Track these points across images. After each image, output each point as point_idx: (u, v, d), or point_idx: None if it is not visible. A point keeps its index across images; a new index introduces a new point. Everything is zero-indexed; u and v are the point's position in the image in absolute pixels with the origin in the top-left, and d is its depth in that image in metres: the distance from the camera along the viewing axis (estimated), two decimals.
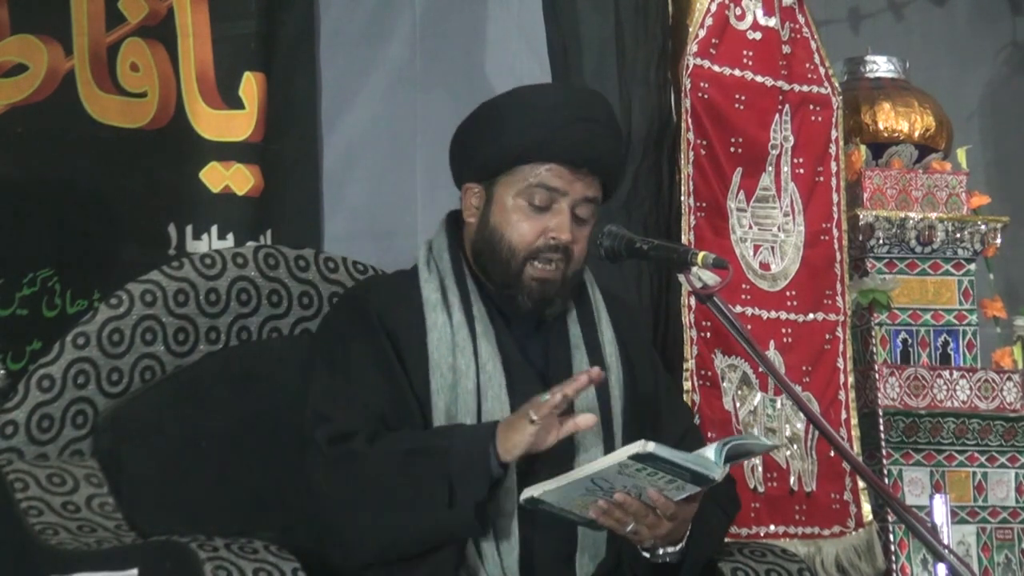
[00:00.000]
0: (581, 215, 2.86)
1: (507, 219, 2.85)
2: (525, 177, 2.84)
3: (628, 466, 2.56)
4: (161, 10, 4.27)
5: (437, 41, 4.58)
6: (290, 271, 3.25)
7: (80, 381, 3.03)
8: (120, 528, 2.90)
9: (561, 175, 2.83)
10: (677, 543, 2.74)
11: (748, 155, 4.02)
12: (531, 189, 2.83)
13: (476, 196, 2.91)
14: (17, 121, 4.09)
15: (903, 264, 4.55)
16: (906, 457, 4.39)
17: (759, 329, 3.95)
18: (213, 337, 3.16)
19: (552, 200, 2.84)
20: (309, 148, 4.42)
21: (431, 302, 2.86)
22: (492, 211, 2.88)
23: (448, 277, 2.89)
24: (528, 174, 2.84)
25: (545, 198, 2.84)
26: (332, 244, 4.30)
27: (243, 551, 2.62)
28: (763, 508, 3.89)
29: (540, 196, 2.84)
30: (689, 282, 2.70)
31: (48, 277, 4.05)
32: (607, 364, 2.91)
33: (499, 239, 2.85)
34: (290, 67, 4.39)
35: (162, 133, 4.22)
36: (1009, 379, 4.50)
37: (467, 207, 2.93)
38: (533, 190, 2.83)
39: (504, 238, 2.85)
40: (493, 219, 2.87)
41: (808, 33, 4.16)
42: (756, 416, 3.92)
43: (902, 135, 4.68)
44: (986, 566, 4.40)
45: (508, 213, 2.85)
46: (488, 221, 2.88)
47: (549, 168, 2.83)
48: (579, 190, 2.85)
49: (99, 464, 3.00)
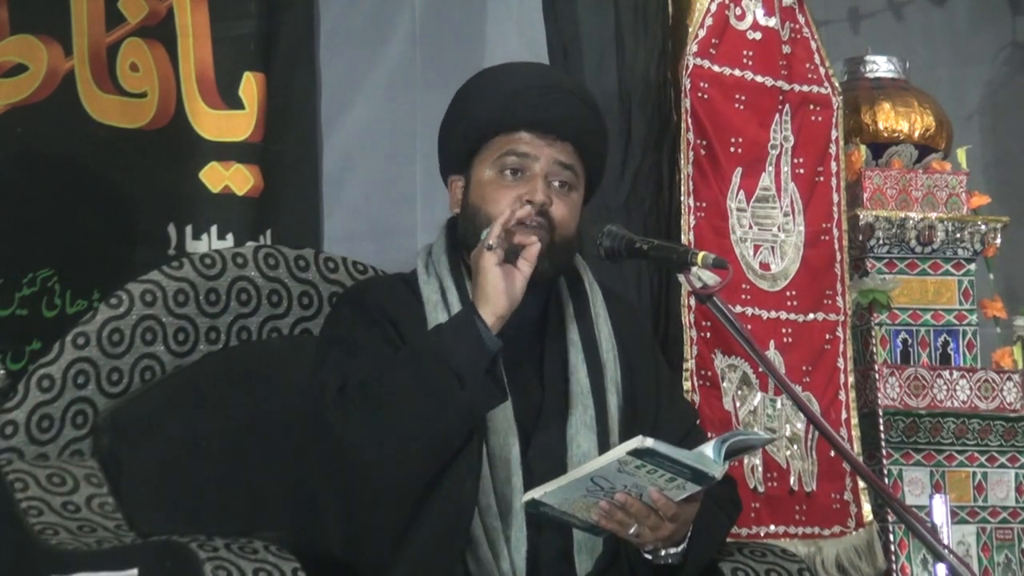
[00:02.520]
0: (558, 180, 2.87)
1: (483, 194, 2.87)
2: (496, 150, 2.87)
3: (627, 463, 2.56)
4: (161, 10, 4.27)
5: (437, 41, 4.58)
6: (290, 271, 3.25)
7: (80, 381, 3.03)
8: (120, 528, 2.90)
9: (529, 142, 2.86)
10: (679, 544, 2.74)
11: (748, 155, 4.02)
12: (502, 159, 2.86)
13: (459, 187, 2.94)
14: (17, 121, 4.09)
15: (903, 264, 4.55)
16: (906, 457, 4.39)
17: (759, 329, 3.95)
18: (213, 337, 3.16)
19: (523, 167, 2.86)
20: (309, 148, 4.43)
21: (432, 301, 2.87)
22: (470, 192, 2.90)
23: (447, 278, 2.90)
24: (498, 145, 2.87)
25: (516, 164, 2.86)
26: (332, 244, 4.30)
27: (243, 551, 2.62)
28: (763, 508, 3.89)
29: (511, 163, 2.86)
30: (689, 282, 2.70)
31: (48, 277, 4.05)
32: (603, 361, 2.91)
33: (477, 214, 2.87)
34: (290, 67, 4.40)
35: (162, 133, 4.23)
36: (1009, 379, 4.50)
37: (454, 201, 2.96)
38: (504, 159, 2.86)
39: (482, 211, 2.86)
40: (472, 199, 2.89)
41: (808, 33, 4.16)
42: (756, 416, 3.92)
43: (902, 135, 4.67)
44: (986, 566, 4.40)
45: (483, 188, 2.88)
46: (468, 203, 2.90)
47: (518, 136, 2.86)
48: (550, 155, 2.86)
49: (99, 464, 3.00)
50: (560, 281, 2.96)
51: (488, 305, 2.70)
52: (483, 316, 2.69)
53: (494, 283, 2.70)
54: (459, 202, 2.94)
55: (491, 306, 2.70)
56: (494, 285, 2.70)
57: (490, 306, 2.70)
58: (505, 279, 2.71)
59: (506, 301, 2.70)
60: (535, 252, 2.76)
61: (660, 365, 3.07)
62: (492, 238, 2.71)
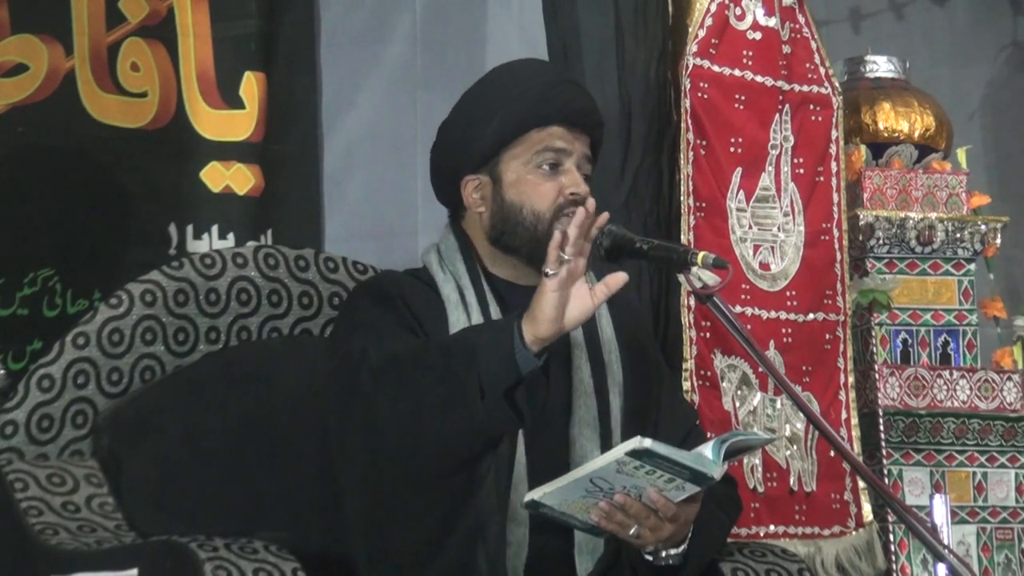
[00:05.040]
0: (585, 172, 2.92)
1: (523, 189, 2.88)
2: (531, 145, 2.89)
3: (626, 464, 2.56)
4: (161, 10, 4.27)
5: (437, 41, 4.59)
6: (290, 271, 3.25)
7: (80, 381, 3.03)
8: (120, 528, 2.90)
9: (563, 136, 2.90)
10: (679, 545, 2.74)
11: (748, 155, 4.02)
12: (540, 155, 2.88)
13: (478, 186, 2.92)
14: (17, 121, 4.10)
15: (903, 264, 4.55)
16: (906, 457, 4.39)
17: (759, 329, 3.95)
18: (213, 337, 3.16)
19: (559, 160, 2.89)
20: (309, 148, 4.43)
21: (452, 300, 2.87)
22: (504, 190, 2.89)
23: (463, 278, 2.90)
24: (533, 142, 2.89)
25: (553, 159, 2.88)
26: (332, 244, 4.30)
27: (243, 551, 2.62)
28: (763, 508, 3.89)
29: (549, 159, 2.88)
30: (689, 282, 2.70)
31: (48, 277, 4.05)
32: (606, 362, 2.92)
33: (520, 210, 2.87)
34: (290, 67, 4.40)
35: (162, 133, 4.23)
36: (1009, 379, 4.50)
37: (471, 200, 2.93)
38: (541, 155, 2.88)
39: (525, 207, 2.87)
40: (508, 196, 2.89)
41: (808, 33, 4.16)
42: (756, 416, 3.92)
43: (902, 135, 4.68)
44: (986, 566, 4.40)
45: (523, 184, 2.88)
46: (503, 200, 2.89)
47: (551, 131, 2.89)
48: (579, 148, 2.91)
49: (99, 464, 3.00)
50: None
51: (533, 325, 2.61)
52: (525, 334, 2.61)
53: (544, 308, 2.60)
54: (482, 201, 2.92)
55: (536, 327, 2.60)
56: (543, 309, 2.60)
57: (535, 326, 2.60)
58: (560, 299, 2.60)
59: (552, 328, 2.61)
60: (620, 281, 2.68)
61: (661, 365, 3.07)
62: (550, 265, 2.62)
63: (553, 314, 2.60)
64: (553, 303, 2.60)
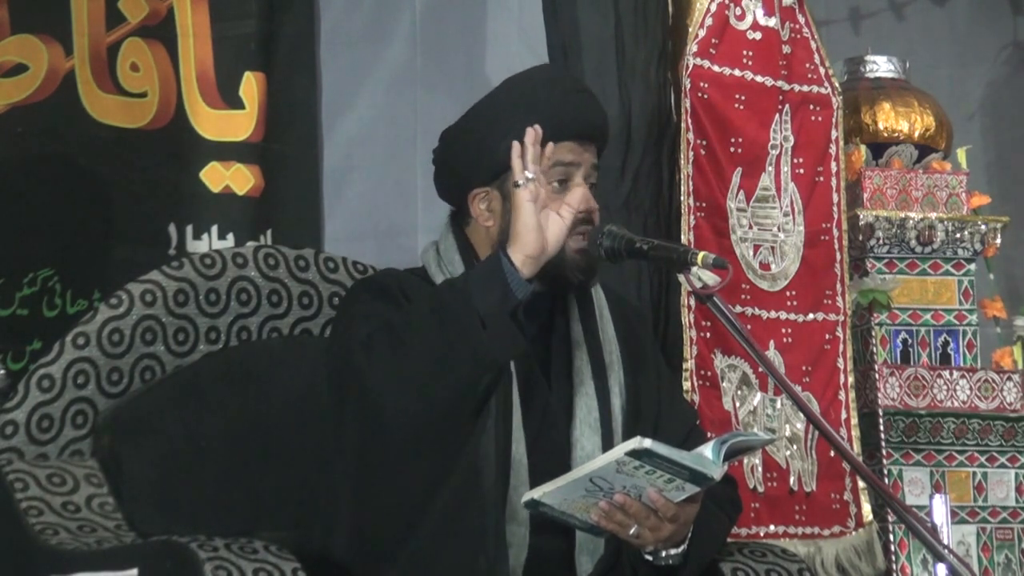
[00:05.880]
0: (591, 182, 2.89)
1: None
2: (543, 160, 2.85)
3: (626, 464, 2.56)
4: (161, 10, 4.27)
5: (437, 41, 4.58)
6: (290, 271, 3.25)
7: (80, 381, 3.03)
8: (120, 528, 2.90)
9: (573, 149, 2.87)
10: (679, 545, 2.74)
11: (748, 155, 4.02)
12: (550, 172, 2.82)
13: (487, 199, 2.90)
14: (17, 121, 4.10)
15: (903, 264, 4.55)
16: (906, 457, 4.39)
17: (759, 329, 3.96)
18: (213, 337, 3.16)
19: (569, 175, 2.86)
20: (309, 148, 4.43)
21: None
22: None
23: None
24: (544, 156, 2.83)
25: (563, 174, 2.86)
26: (332, 244, 4.30)
27: (243, 551, 2.62)
28: (763, 508, 3.89)
29: (558, 174, 2.85)
30: (689, 282, 2.70)
31: (48, 277, 4.05)
32: (607, 362, 2.92)
33: None
34: (290, 67, 4.40)
35: (162, 133, 4.23)
36: (1009, 379, 4.50)
37: (479, 212, 2.90)
38: (551, 172, 2.83)
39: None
40: None
41: (808, 33, 4.16)
42: (756, 416, 3.92)
43: (902, 135, 4.68)
44: (986, 566, 4.40)
45: None
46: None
47: (561, 145, 2.84)
48: (588, 159, 2.89)
49: (99, 464, 3.00)
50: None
51: (518, 244, 2.63)
52: (512, 258, 2.63)
53: (525, 220, 2.63)
54: (491, 215, 2.89)
55: (520, 244, 2.63)
56: (525, 222, 2.63)
57: (519, 244, 2.63)
58: (542, 221, 2.65)
59: (537, 240, 2.63)
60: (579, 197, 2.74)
61: (661, 366, 3.07)
62: (518, 175, 2.65)
63: (534, 223, 2.64)
64: (531, 211, 2.65)
